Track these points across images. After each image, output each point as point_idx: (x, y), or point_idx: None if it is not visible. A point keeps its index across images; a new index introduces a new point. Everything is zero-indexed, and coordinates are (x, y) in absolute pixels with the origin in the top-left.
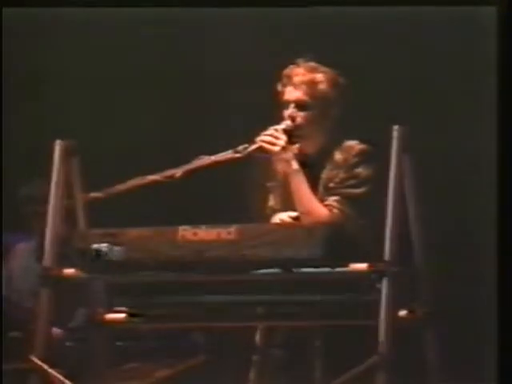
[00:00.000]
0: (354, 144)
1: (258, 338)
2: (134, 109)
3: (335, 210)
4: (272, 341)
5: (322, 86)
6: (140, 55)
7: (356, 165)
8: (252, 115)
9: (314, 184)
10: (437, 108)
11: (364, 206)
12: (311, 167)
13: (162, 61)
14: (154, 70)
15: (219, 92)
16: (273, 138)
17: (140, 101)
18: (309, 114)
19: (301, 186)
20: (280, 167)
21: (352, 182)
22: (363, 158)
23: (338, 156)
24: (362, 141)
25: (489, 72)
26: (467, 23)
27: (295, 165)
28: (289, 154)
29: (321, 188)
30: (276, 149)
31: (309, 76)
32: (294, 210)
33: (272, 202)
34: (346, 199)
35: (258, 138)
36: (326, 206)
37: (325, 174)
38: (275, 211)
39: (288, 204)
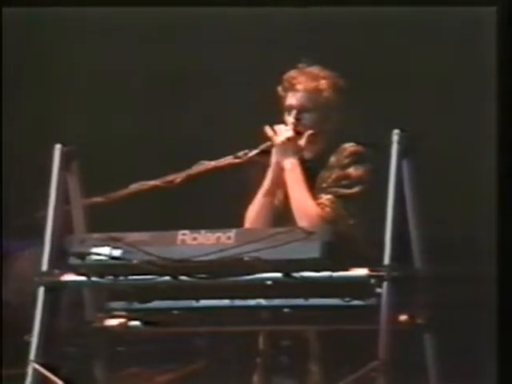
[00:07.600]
0: (347, 146)
1: (258, 342)
2: (135, 113)
3: (327, 209)
4: (272, 345)
5: (325, 93)
6: (140, 57)
7: (348, 165)
8: (252, 120)
9: (310, 187)
10: (436, 108)
11: (356, 206)
12: (309, 171)
13: (161, 64)
14: (154, 74)
15: (219, 96)
16: (279, 130)
17: (140, 105)
18: (312, 122)
19: (296, 184)
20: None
21: (344, 182)
22: (355, 159)
23: (332, 158)
24: (357, 143)
25: (489, 72)
26: (467, 23)
27: (293, 163)
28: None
29: (316, 190)
30: (279, 139)
31: (312, 84)
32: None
33: (276, 203)
34: (338, 198)
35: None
36: (318, 204)
37: (320, 177)
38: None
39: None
